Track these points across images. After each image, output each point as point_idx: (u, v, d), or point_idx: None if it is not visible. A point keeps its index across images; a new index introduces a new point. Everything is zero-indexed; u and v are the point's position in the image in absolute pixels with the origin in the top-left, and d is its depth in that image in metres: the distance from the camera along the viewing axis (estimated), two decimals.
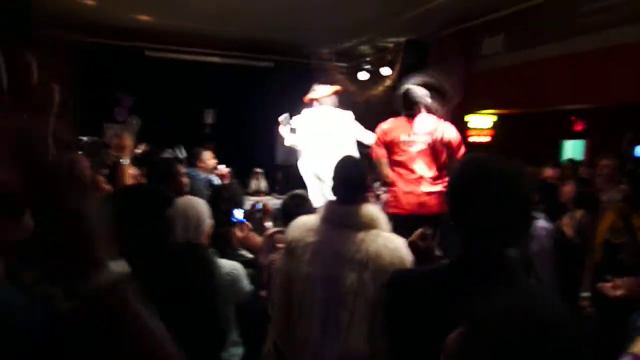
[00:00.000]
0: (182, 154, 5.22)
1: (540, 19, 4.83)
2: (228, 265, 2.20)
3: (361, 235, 1.78)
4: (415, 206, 3.45)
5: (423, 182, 3.48)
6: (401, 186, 3.53)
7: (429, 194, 3.44)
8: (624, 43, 4.26)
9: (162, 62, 7.22)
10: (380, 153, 3.69)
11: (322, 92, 4.27)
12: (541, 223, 3.25)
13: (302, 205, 2.51)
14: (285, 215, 2.51)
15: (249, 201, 4.09)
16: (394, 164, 3.62)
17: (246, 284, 2.25)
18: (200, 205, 2.10)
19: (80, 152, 3.25)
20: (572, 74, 4.79)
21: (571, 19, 4.59)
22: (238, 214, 2.69)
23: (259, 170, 7.02)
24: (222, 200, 2.56)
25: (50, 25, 6.17)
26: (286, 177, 6.81)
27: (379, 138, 3.76)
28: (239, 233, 2.69)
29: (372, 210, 1.87)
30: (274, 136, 8.12)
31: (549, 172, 4.44)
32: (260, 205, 3.71)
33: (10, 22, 4.39)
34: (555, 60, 4.96)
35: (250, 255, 2.67)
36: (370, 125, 8.18)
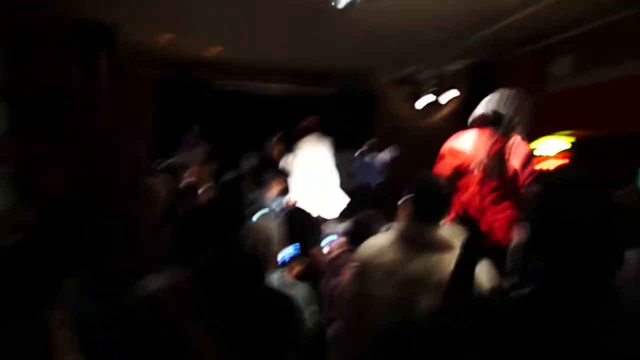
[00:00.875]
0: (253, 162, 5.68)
1: (612, 37, 4.59)
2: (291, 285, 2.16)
3: (437, 257, 1.70)
4: None
5: None
6: None
7: None
8: None
9: (229, 93, 7.57)
10: None
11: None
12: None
13: (369, 225, 2.48)
14: (354, 237, 2.48)
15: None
16: None
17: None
18: (272, 229, 2.11)
19: (158, 173, 3.43)
20: None
21: None
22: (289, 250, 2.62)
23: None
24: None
25: (134, 60, 6.73)
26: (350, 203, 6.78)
27: None
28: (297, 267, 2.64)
29: (450, 231, 1.78)
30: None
31: (618, 194, 4.07)
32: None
33: (100, 57, 4.79)
34: (631, 80, 4.67)
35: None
36: (436, 151, 8.04)
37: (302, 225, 2.48)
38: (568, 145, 6.70)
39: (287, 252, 2.54)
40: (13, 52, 4.46)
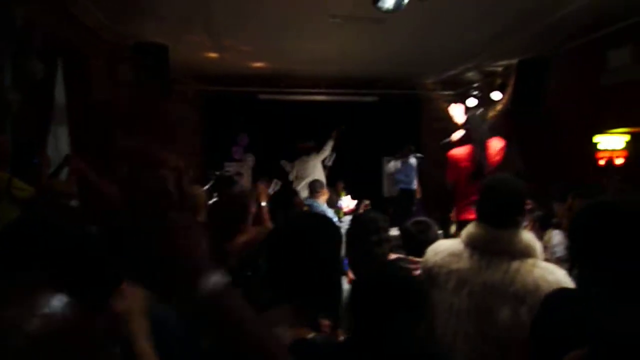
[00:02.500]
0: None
1: None
2: None
3: (516, 264, 1.61)
4: None
5: None
6: None
7: None
8: None
9: (274, 104, 7.72)
10: None
11: None
12: None
13: (425, 231, 2.44)
14: (409, 242, 2.46)
15: None
16: None
17: None
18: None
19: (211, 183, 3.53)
20: None
21: None
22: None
23: (367, 202, 7.05)
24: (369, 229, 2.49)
25: (183, 77, 7.00)
26: (395, 210, 6.74)
27: None
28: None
29: (527, 236, 1.68)
30: (380, 169, 8.17)
31: None
32: None
33: (153, 76, 5.03)
34: None
35: None
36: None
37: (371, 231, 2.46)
38: (625, 141, 6.37)
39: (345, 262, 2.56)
40: (75, 75, 4.76)
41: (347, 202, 5.48)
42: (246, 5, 4.33)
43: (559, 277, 1.57)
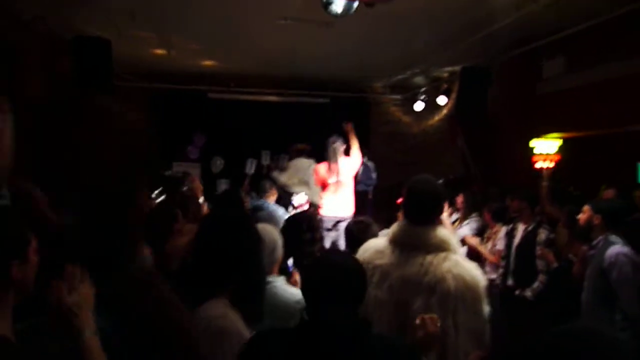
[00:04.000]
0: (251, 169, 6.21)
1: (603, 37, 4.66)
2: (299, 294, 2.14)
3: (430, 257, 1.74)
4: None
5: None
6: None
7: None
8: None
9: (223, 103, 7.60)
10: None
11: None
12: (619, 248, 2.72)
13: (366, 230, 2.51)
14: (351, 241, 2.52)
15: None
16: None
17: None
18: (276, 234, 2.14)
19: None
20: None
21: (637, 37, 4.40)
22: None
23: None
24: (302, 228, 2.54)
25: (128, 75, 6.77)
26: None
27: None
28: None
29: (443, 232, 1.82)
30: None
31: (609, 193, 4.10)
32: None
33: (94, 75, 4.83)
34: (622, 79, 4.74)
35: None
36: (431, 154, 8.08)
37: (304, 230, 2.49)
38: (558, 145, 6.78)
39: (289, 261, 2.56)
40: (11, 67, 4.49)
41: (300, 199, 5.44)
42: (194, 2, 4.25)
43: (466, 269, 1.69)
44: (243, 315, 1.55)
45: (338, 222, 5.05)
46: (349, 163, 5.24)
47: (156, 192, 3.40)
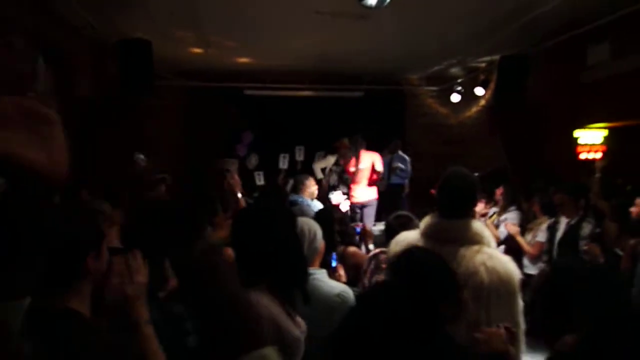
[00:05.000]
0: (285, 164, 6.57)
1: None
2: (339, 287, 2.10)
3: (463, 250, 1.73)
4: None
5: None
6: None
7: None
8: None
9: (259, 100, 7.71)
10: None
11: None
12: None
13: (406, 224, 2.49)
14: (389, 235, 2.51)
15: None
16: None
17: None
18: (315, 225, 2.17)
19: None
20: None
21: None
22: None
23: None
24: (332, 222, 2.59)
25: (168, 73, 6.96)
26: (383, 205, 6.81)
27: None
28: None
29: (477, 225, 1.81)
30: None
31: None
32: (359, 229, 3.76)
33: (137, 75, 5.02)
34: None
35: None
36: (468, 146, 7.92)
37: (341, 225, 2.52)
38: (604, 135, 6.51)
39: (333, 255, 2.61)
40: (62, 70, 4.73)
41: (337, 198, 5.55)
42: (231, 0, 4.33)
43: (500, 262, 1.67)
44: (283, 303, 1.59)
45: (363, 206, 5.87)
46: (369, 155, 5.92)
47: None
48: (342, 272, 2.67)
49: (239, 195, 2.87)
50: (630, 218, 3.15)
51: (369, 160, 5.85)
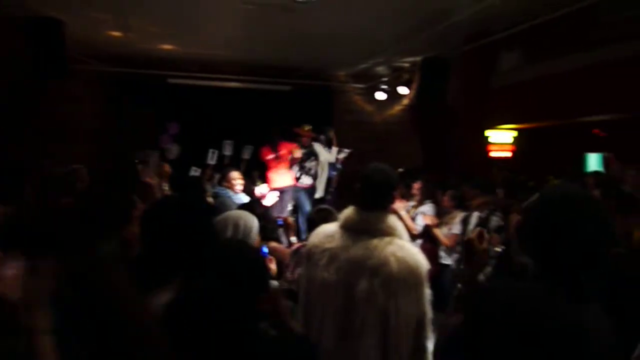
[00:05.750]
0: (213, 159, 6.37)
1: (558, 31, 4.85)
2: None
3: (375, 241, 1.79)
4: None
5: None
6: None
7: None
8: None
9: (186, 89, 7.45)
10: None
11: None
12: None
13: (327, 217, 2.53)
14: (310, 228, 2.54)
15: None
16: None
17: None
18: (252, 220, 2.14)
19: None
20: (592, 86, 4.78)
21: (590, 31, 4.61)
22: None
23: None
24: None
25: (82, 57, 6.50)
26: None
27: None
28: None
29: (391, 218, 1.87)
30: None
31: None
32: (281, 221, 3.77)
33: (47, 54, 4.64)
34: (575, 72, 4.96)
35: None
36: (392, 143, 8.19)
37: (262, 220, 2.50)
38: (513, 136, 7.03)
39: (264, 248, 2.57)
40: None
41: (262, 189, 5.53)
42: None
43: (409, 253, 1.75)
44: None
45: (281, 191, 6.16)
46: (287, 146, 6.47)
47: None
48: (273, 266, 2.67)
49: (165, 187, 2.76)
50: None
51: (287, 149, 6.47)
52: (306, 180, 6.86)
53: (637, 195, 3.51)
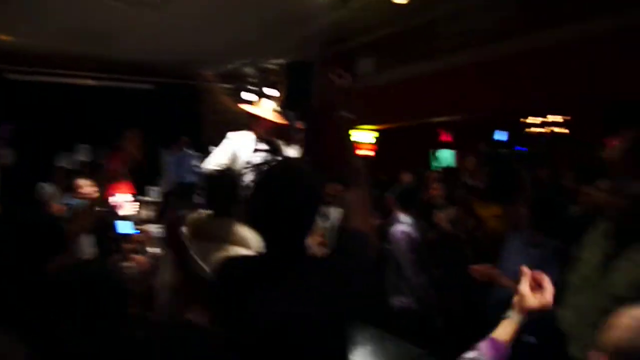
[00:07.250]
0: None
1: (406, 41, 5.33)
2: None
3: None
4: None
5: None
6: None
7: None
8: (476, 62, 4.88)
9: (28, 86, 6.62)
10: None
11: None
12: (401, 227, 3.40)
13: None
14: None
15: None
16: None
17: None
18: None
19: None
20: (437, 90, 5.35)
21: (433, 41, 5.14)
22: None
23: (142, 198, 6.69)
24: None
25: None
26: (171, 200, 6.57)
27: None
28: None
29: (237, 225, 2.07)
30: (159, 162, 7.83)
31: (406, 177, 4.91)
32: (138, 231, 3.62)
33: None
34: (421, 78, 5.51)
35: None
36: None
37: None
38: (373, 137, 7.57)
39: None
40: None
41: (121, 198, 5.05)
42: None
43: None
44: None
45: None
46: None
47: None
48: None
49: None
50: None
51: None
52: None
53: (476, 183, 4.02)
